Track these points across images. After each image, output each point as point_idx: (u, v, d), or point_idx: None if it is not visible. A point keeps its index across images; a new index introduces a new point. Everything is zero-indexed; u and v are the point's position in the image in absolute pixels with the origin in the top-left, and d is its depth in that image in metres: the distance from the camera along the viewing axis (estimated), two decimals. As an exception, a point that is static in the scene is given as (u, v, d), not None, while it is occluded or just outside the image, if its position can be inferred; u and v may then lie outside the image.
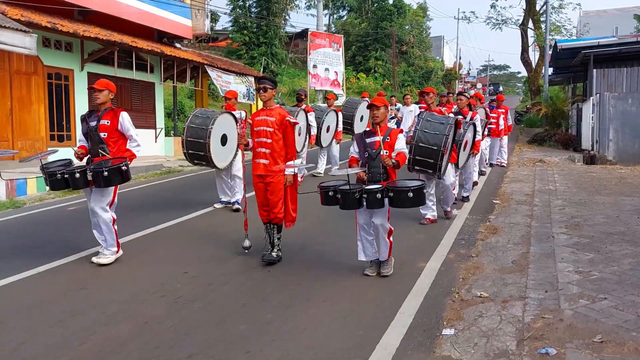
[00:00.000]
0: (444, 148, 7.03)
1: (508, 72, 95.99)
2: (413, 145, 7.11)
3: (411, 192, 5.13)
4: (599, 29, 31.80)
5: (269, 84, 5.99)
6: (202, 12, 21.16)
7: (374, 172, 5.50)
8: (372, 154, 5.50)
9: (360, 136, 5.71)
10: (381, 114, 5.50)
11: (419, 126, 7.24)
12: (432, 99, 7.97)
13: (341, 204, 5.27)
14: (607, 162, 16.08)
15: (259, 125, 6.03)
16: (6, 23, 11.14)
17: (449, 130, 7.16)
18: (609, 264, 5.60)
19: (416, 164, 7.25)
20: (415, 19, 49.01)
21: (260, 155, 6.04)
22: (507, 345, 3.85)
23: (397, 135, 5.56)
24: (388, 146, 5.44)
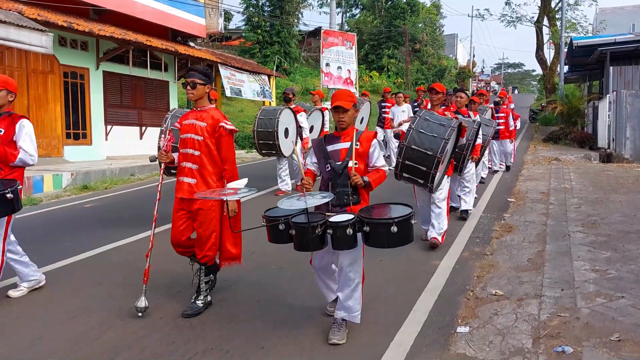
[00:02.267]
0: (441, 155, 5.76)
1: (522, 70, 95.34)
2: (404, 147, 5.91)
3: (395, 226, 3.58)
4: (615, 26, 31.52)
5: (198, 78, 4.55)
6: (215, 11, 21.22)
7: (340, 194, 4.00)
8: (336, 168, 4.03)
9: (319, 143, 4.21)
10: (349, 117, 4.09)
11: (415, 125, 6.04)
12: (439, 99, 6.76)
13: (295, 243, 3.79)
14: (624, 160, 15.91)
15: (185, 131, 4.61)
16: (23, 22, 11.26)
17: (449, 134, 5.87)
18: (626, 263, 5.55)
19: (405, 171, 6.00)
20: (428, 17, 48.82)
21: (184, 172, 4.59)
22: (522, 343, 3.83)
23: (372, 142, 4.12)
24: (358, 156, 4.04)
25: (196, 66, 4.43)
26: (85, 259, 6.16)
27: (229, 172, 4.60)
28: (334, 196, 3.95)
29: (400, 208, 3.87)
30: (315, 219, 3.75)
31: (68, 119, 14.64)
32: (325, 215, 3.83)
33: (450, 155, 6.42)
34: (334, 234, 3.68)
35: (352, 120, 4.13)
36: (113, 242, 6.72)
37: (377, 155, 4.15)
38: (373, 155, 4.14)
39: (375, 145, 4.15)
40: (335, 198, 3.97)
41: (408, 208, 3.81)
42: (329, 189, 4.04)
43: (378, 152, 4.16)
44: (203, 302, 4.61)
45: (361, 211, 3.83)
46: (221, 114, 4.67)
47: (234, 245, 4.82)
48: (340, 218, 3.75)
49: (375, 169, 4.14)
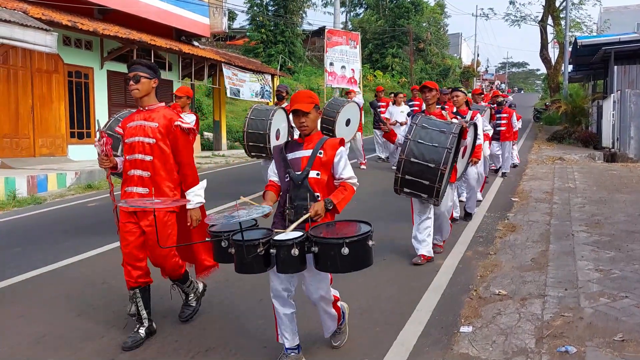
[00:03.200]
0: (444, 166, 5.21)
1: (527, 69, 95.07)
2: (402, 160, 5.34)
3: (346, 247, 3.07)
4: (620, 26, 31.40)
5: (142, 71, 3.95)
6: (219, 10, 21.25)
7: (298, 208, 3.49)
8: (294, 178, 3.52)
9: (279, 150, 3.70)
10: (311, 121, 3.56)
11: (412, 134, 5.38)
12: (434, 97, 6.09)
13: (235, 263, 3.27)
14: (628, 159, 15.86)
15: (132, 135, 3.99)
16: (28, 22, 11.29)
17: (452, 142, 5.27)
18: (630, 262, 5.53)
19: (406, 186, 5.44)
20: (432, 16, 48.71)
21: (133, 181, 3.99)
22: (525, 343, 3.82)
23: (337, 151, 3.56)
24: (321, 165, 3.53)
25: (140, 59, 3.86)
26: (89, 257, 6.18)
27: (190, 177, 4.06)
28: (292, 210, 3.50)
29: (360, 226, 3.34)
30: (255, 236, 3.26)
31: (72, 118, 14.67)
32: (272, 232, 3.35)
33: (453, 161, 5.76)
34: (277, 254, 3.17)
35: (315, 124, 3.63)
36: (117, 241, 6.72)
37: (343, 166, 3.58)
38: (339, 165, 3.57)
39: (342, 154, 3.59)
40: (293, 213, 3.50)
41: (367, 226, 3.29)
42: (287, 202, 3.55)
43: (345, 162, 3.60)
44: (195, 299, 4.42)
45: (313, 228, 3.30)
46: (174, 112, 4.13)
47: (210, 253, 4.20)
48: (286, 236, 3.23)
49: (341, 183, 3.59)
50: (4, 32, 10.64)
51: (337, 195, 3.49)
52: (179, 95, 7.70)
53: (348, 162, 3.62)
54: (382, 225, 7.16)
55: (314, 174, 3.53)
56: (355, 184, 3.60)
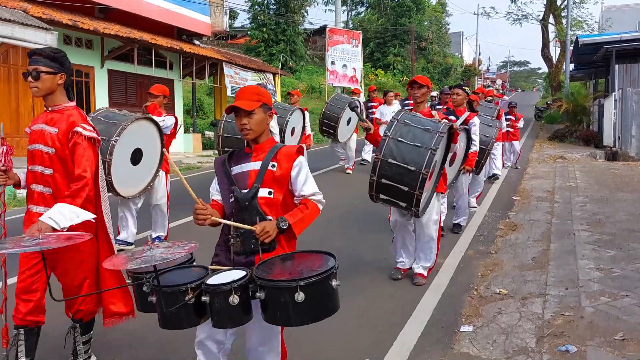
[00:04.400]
0: (427, 170, 4.45)
1: (528, 68, 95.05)
2: (379, 161, 4.60)
3: (301, 292, 2.33)
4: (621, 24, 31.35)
5: (43, 64, 3.21)
6: (220, 9, 21.24)
7: (245, 237, 2.78)
8: (240, 198, 2.82)
9: (221, 162, 2.99)
10: (256, 123, 2.84)
11: (392, 131, 4.65)
12: (424, 95, 5.22)
13: (158, 316, 2.54)
14: (630, 158, 15.84)
15: (33, 140, 3.33)
16: (28, 21, 11.30)
17: (437, 141, 4.53)
18: (631, 262, 5.53)
19: (382, 191, 4.69)
20: (434, 15, 48.72)
21: (34, 199, 3.33)
22: (526, 342, 3.82)
23: (295, 162, 2.87)
24: (274, 181, 2.83)
25: (42, 49, 3.27)
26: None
27: (72, 191, 3.14)
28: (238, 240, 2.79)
29: (324, 261, 2.58)
30: (183, 278, 2.54)
31: (73, 117, 14.66)
32: (208, 272, 2.62)
33: (441, 167, 5.11)
34: (211, 302, 2.42)
35: (262, 127, 2.88)
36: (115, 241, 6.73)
37: (303, 180, 2.88)
38: (298, 180, 2.86)
39: (301, 166, 2.87)
40: (240, 243, 2.78)
41: (330, 261, 2.53)
42: (231, 229, 2.84)
43: (305, 175, 2.89)
44: None
45: (260, 265, 2.57)
46: (81, 114, 3.35)
47: (123, 298, 3.49)
48: (223, 278, 2.50)
49: (302, 201, 2.89)
50: (4, 31, 10.65)
51: (295, 214, 2.80)
52: (155, 94, 6.73)
53: (310, 175, 2.93)
54: (381, 225, 7.15)
55: (265, 193, 2.81)
56: (319, 201, 2.91)
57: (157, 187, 6.56)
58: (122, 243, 6.35)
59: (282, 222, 2.73)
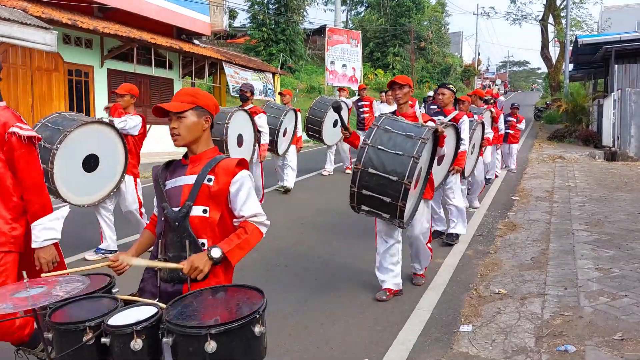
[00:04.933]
0: (409, 180, 4.11)
1: (528, 68, 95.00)
2: (359, 171, 4.28)
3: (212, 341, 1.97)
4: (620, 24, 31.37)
5: None
6: (220, 8, 21.22)
7: (174, 260, 2.47)
8: (170, 217, 2.49)
9: (155, 174, 2.66)
10: (186, 129, 2.51)
11: (371, 139, 4.31)
12: (406, 96, 4.90)
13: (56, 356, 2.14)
14: (629, 158, 15.88)
15: None
16: (28, 20, 11.29)
17: (420, 148, 4.18)
18: (630, 261, 5.53)
19: (364, 202, 4.38)
20: (433, 15, 48.69)
21: None
22: (525, 342, 3.83)
23: (237, 176, 2.50)
24: (209, 198, 2.47)
25: None
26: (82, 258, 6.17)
27: (35, 204, 2.99)
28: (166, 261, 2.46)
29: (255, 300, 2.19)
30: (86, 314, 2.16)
31: (73, 117, 14.65)
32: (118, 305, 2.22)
33: (427, 172, 4.81)
34: (111, 346, 2.07)
35: (194, 132, 2.53)
36: (118, 240, 6.73)
37: (244, 198, 2.49)
38: (237, 198, 2.49)
39: (242, 182, 2.49)
40: (168, 270, 2.47)
41: (256, 303, 2.13)
42: (160, 252, 2.54)
43: (247, 193, 2.50)
44: None
45: (175, 303, 2.19)
46: (13, 114, 3.03)
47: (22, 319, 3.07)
48: (128, 317, 2.12)
49: (241, 224, 2.51)
50: (3, 30, 10.64)
51: (231, 241, 2.43)
52: (121, 93, 6.19)
53: (252, 193, 2.54)
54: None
55: (199, 211, 2.46)
56: (262, 223, 2.53)
57: (125, 193, 6.29)
58: (106, 252, 6.15)
59: (215, 252, 2.36)
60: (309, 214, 8.23)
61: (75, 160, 5.60)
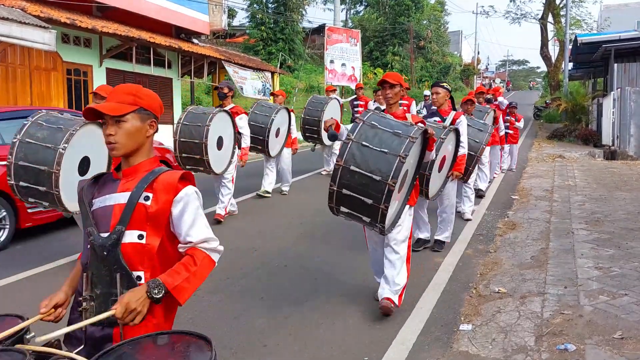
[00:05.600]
0: (394, 180, 3.73)
1: (527, 67, 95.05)
2: (340, 168, 3.88)
3: None
4: (620, 23, 31.37)
5: None
6: (219, 7, 21.21)
7: (104, 299, 2.06)
8: (96, 244, 2.05)
9: (82, 189, 2.18)
10: (126, 136, 2.07)
11: (356, 134, 3.93)
12: (397, 95, 4.55)
13: None
14: (628, 157, 15.87)
15: None
16: (26, 19, 11.27)
17: (407, 147, 3.81)
18: (630, 260, 5.53)
19: (344, 203, 3.98)
20: (433, 14, 48.69)
21: None
22: (525, 341, 3.82)
23: (180, 194, 2.08)
24: (146, 220, 2.05)
25: None
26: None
27: None
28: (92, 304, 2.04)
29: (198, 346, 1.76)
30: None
31: (72, 116, 14.64)
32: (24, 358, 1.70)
33: (414, 177, 4.40)
34: None
35: (136, 140, 2.08)
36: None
37: (190, 220, 2.07)
38: (182, 221, 2.06)
39: (187, 200, 2.07)
40: (94, 308, 2.03)
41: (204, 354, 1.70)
42: (85, 287, 2.07)
43: (194, 214, 2.08)
44: None
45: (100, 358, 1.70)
46: None
47: None
48: None
49: (187, 251, 2.09)
50: (2, 29, 10.62)
51: (177, 274, 2.00)
52: (102, 94, 5.80)
53: (201, 214, 2.12)
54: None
55: (133, 237, 2.02)
56: (214, 250, 2.14)
57: None
58: None
59: (154, 288, 1.93)
60: (309, 213, 8.22)
61: (74, 163, 5.30)
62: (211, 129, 7.12)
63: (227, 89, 7.81)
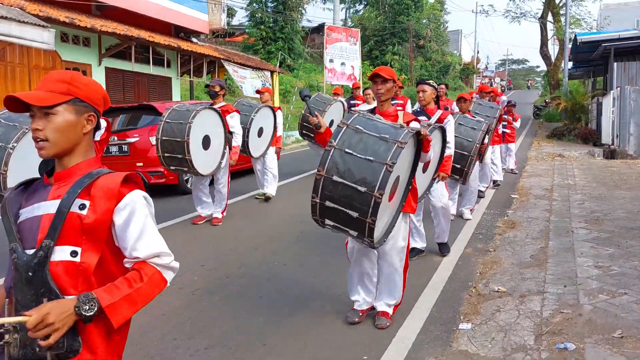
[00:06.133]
0: (381, 191, 3.38)
1: (527, 66, 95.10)
2: (322, 178, 3.53)
3: None
4: (619, 22, 31.40)
5: None
6: (218, 6, 21.20)
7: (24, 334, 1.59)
8: (20, 262, 1.68)
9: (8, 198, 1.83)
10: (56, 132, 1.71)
11: (338, 140, 3.54)
12: (389, 92, 4.16)
13: None
14: (628, 156, 15.87)
15: None
16: (25, 18, 11.26)
17: (395, 154, 3.43)
18: (630, 259, 5.53)
19: (328, 217, 3.67)
20: (432, 13, 48.71)
21: None
22: (525, 340, 3.82)
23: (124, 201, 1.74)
24: (82, 233, 1.69)
25: None
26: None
27: None
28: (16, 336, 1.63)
29: None
30: None
31: (71, 115, 14.63)
32: None
33: (409, 181, 4.05)
34: None
35: (70, 137, 1.76)
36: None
37: (139, 232, 1.76)
38: (128, 232, 1.75)
39: (133, 207, 1.76)
40: (18, 341, 1.63)
41: None
42: (7, 314, 1.74)
43: (142, 224, 1.77)
44: None
45: None
46: None
47: None
48: None
49: (134, 266, 1.77)
50: (1, 28, 10.61)
51: (116, 289, 1.69)
52: None
53: (150, 225, 1.80)
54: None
55: (64, 254, 1.69)
56: (167, 267, 1.81)
57: None
58: None
59: (86, 303, 1.60)
60: (308, 212, 8.17)
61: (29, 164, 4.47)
62: (194, 126, 6.75)
63: (219, 87, 7.46)
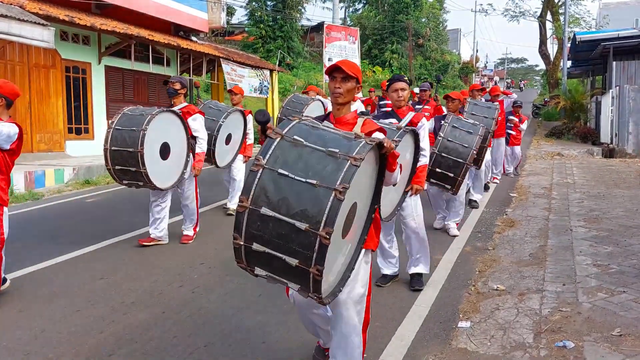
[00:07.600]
0: (329, 227, 2.29)
1: (526, 65, 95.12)
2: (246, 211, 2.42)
3: None
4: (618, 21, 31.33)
5: None
6: (218, 5, 21.18)
7: None
8: None
9: None
10: None
11: (269, 158, 2.45)
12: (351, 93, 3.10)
13: None
14: (627, 155, 15.90)
15: None
16: (25, 17, 11.25)
17: (347, 174, 2.35)
18: (628, 257, 5.54)
19: (257, 264, 2.56)
20: (431, 12, 48.63)
21: None
22: (524, 338, 3.83)
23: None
24: None
25: None
26: (87, 253, 6.17)
27: None
28: None
29: None
30: None
31: (70, 114, 14.63)
32: None
33: (371, 207, 2.92)
34: None
35: None
36: (115, 237, 6.74)
37: None
38: None
39: None
40: None
41: None
42: None
43: None
44: None
45: None
46: None
47: None
48: None
49: None
50: (1, 27, 10.61)
51: None
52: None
53: None
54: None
55: None
56: None
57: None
58: None
59: None
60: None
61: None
62: (149, 134, 5.81)
63: (179, 85, 6.52)
